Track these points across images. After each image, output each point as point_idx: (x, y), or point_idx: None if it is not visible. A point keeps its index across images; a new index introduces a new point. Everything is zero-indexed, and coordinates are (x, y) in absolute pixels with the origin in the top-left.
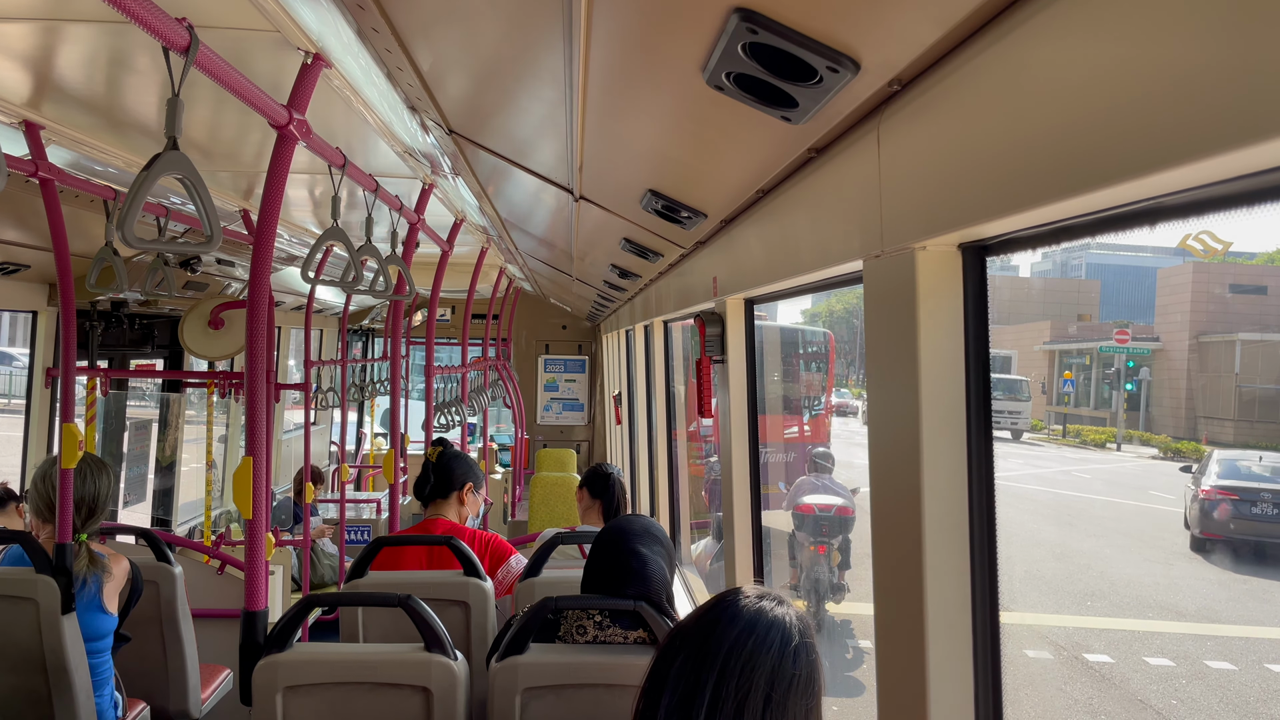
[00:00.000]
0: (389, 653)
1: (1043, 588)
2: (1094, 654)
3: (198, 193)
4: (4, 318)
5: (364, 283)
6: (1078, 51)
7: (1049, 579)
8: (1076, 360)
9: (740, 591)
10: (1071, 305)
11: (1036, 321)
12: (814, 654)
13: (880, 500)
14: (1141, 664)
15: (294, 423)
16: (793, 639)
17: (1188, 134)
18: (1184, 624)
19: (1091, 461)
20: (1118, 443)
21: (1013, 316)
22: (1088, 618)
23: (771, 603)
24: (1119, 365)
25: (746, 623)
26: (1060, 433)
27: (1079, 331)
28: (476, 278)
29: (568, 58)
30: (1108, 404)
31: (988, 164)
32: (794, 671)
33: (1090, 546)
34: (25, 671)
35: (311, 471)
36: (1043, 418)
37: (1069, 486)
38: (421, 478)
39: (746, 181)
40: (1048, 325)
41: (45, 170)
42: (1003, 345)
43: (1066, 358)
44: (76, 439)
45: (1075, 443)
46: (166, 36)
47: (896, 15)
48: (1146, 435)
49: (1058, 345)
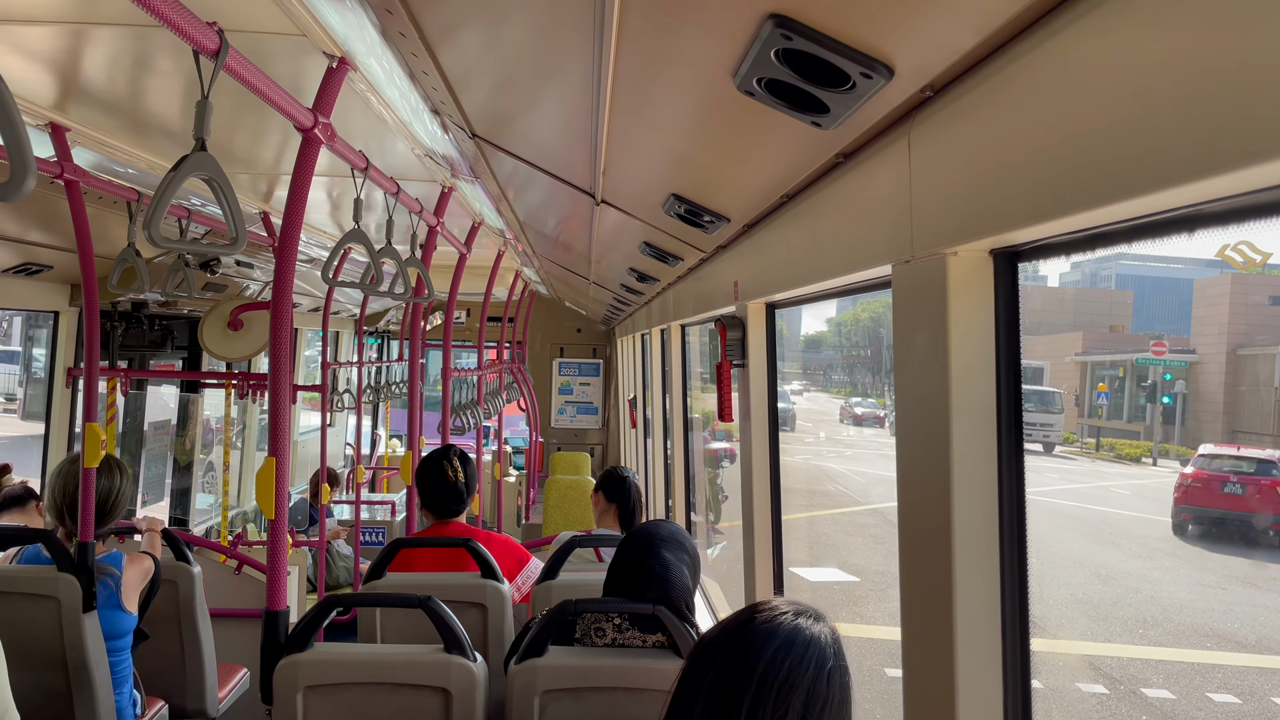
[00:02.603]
0: (409, 654)
1: (1090, 613)
2: (1153, 689)
3: (224, 195)
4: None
5: (383, 285)
6: (1115, 57)
7: (1096, 603)
8: (1109, 372)
9: (776, 606)
10: (1104, 316)
11: (1068, 332)
12: (847, 676)
13: (908, 510)
14: (1205, 701)
15: (308, 424)
16: (828, 660)
17: (1227, 141)
18: (1246, 656)
19: (1129, 476)
20: (1153, 457)
21: (1043, 327)
22: (1142, 648)
23: (808, 620)
24: (1155, 378)
25: (784, 640)
26: (1093, 446)
27: (1112, 343)
28: (493, 281)
29: (596, 62)
30: (1141, 417)
31: (1021, 170)
32: (828, 694)
33: (1136, 568)
34: (46, 669)
35: (327, 473)
36: (1073, 430)
37: (1107, 502)
38: (441, 495)
39: (772, 186)
40: (1079, 336)
41: (70, 172)
42: (1033, 356)
43: (1099, 369)
44: (99, 438)
45: (1109, 456)
46: (197, 40)
47: (933, 22)
48: (1183, 450)
49: (1090, 356)
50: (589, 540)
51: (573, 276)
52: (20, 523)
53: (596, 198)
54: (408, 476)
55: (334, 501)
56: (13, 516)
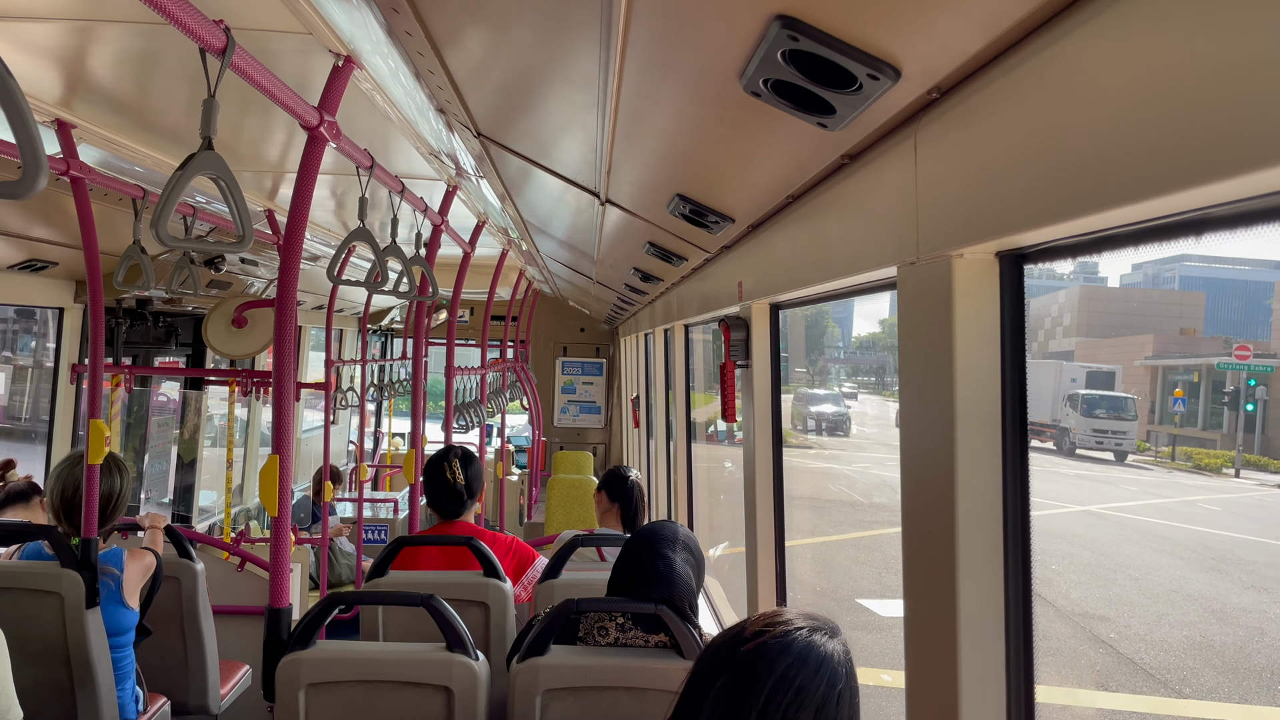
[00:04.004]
0: (411, 652)
1: (1217, 663)
2: None
3: (231, 193)
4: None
5: (388, 283)
6: (1122, 61)
7: (1219, 649)
8: (1182, 377)
9: (791, 620)
10: (1173, 319)
11: (1137, 335)
12: (857, 696)
13: (911, 510)
14: None
15: (311, 421)
16: (839, 680)
17: (1234, 145)
18: None
19: (1213, 489)
20: (1236, 468)
21: (1110, 329)
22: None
23: (823, 636)
24: (1238, 383)
25: (797, 656)
26: (1168, 454)
27: (1184, 346)
28: (497, 280)
29: (603, 63)
30: (1218, 424)
31: (1028, 172)
32: (837, 714)
33: (1253, 602)
34: (49, 664)
35: (330, 470)
36: (1143, 437)
37: (1198, 520)
38: (442, 495)
39: (777, 187)
40: (1150, 339)
41: (77, 169)
42: (1100, 359)
43: (1171, 374)
44: (104, 435)
45: (1186, 466)
46: (204, 39)
47: (941, 23)
48: (1265, 460)
49: (1162, 360)
50: (591, 539)
51: (577, 276)
52: (24, 518)
53: (601, 197)
54: (410, 475)
55: (337, 499)
56: (16, 512)
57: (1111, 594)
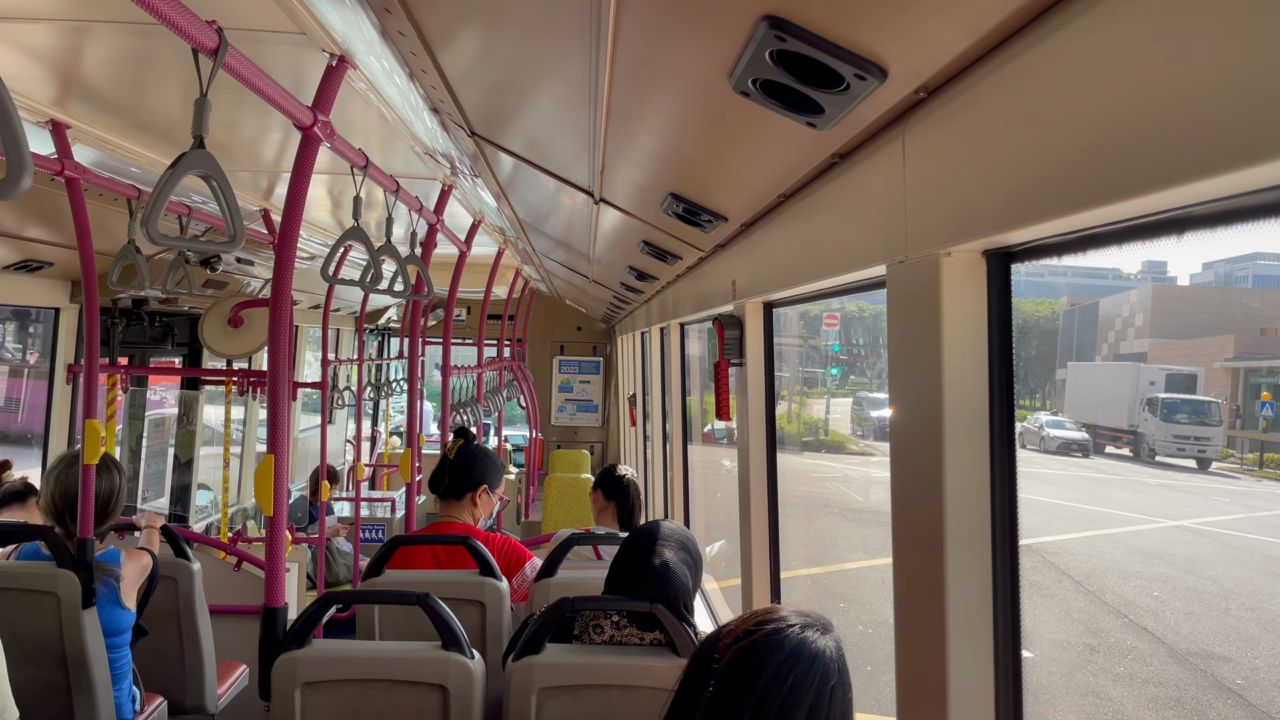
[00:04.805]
0: (407, 651)
1: None
2: None
3: (223, 192)
4: None
5: (383, 282)
6: (1107, 59)
7: None
8: (1267, 379)
9: (785, 617)
10: (1253, 318)
11: (1215, 335)
12: (849, 693)
13: (901, 508)
14: None
15: (309, 421)
16: (832, 676)
17: (1219, 142)
18: None
19: None
20: None
21: (1187, 329)
22: None
23: (815, 632)
24: None
25: (790, 652)
26: (1254, 461)
27: (1266, 348)
28: (493, 279)
29: (594, 63)
30: None
31: (1015, 171)
32: (830, 710)
33: None
34: (45, 664)
35: (327, 470)
36: (1225, 443)
37: None
38: (438, 472)
39: (769, 186)
40: (1230, 340)
41: (71, 169)
42: (1178, 360)
43: (1254, 376)
44: (99, 435)
45: (1277, 475)
46: (196, 39)
47: (926, 23)
48: None
49: (1244, 362)
50: (587, 538)
51: (573, 275)
52: (20, 519)
53: (595, 196)
54: (407, 474)
55: (334, 499)
56: (12, 513)
57: (1227, 627)
